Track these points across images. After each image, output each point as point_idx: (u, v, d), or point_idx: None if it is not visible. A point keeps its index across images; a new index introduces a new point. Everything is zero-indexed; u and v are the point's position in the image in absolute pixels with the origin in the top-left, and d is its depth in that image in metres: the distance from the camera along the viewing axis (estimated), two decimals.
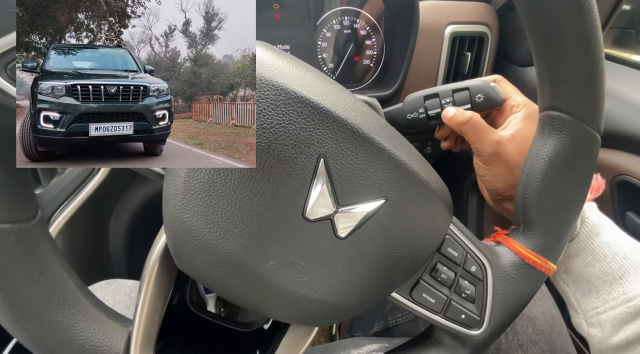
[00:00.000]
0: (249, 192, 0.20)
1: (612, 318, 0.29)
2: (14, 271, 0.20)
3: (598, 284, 0.30)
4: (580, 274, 0.31)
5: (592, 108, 0.24)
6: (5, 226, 0.19)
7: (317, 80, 0.21)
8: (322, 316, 0.24)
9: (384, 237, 0.22)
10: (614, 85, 0.49)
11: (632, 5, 0.56)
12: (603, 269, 0.30)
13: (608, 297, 0.29)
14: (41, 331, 0.21)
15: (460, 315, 0.27)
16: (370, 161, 0.21)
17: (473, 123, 0.33)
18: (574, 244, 0.31)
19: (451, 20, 0.57)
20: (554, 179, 0.26)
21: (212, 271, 0.22)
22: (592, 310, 0.30)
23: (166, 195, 0.21)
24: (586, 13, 0.22)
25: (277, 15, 0.54)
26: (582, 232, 0.31)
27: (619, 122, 0.45)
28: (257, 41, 0.22)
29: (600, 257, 0.30)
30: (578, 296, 0.31)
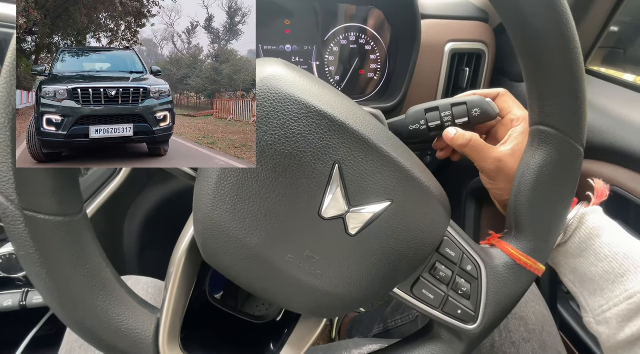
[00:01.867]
0: (273, 193, 0.22)
1: (616, 315, 0.30)
2: (64, 259, 0.22)
3: (602, 283, 0.31)
4: (585, 275, 0.32)
5: (575, 124, 0.27)
6: (59, 219, 0.22)
7: (333, 96, 0.24)
8: (331, 307, 0.26)
9: (389, 235, 0.24)
10: (603, 101, 0.52)
11: (620, 27, 0.60)
12: (605, 269, 0.31)
13: (611, 295, 0.30)
14: (83, 314, 0.23)
15: (456, 310, 0.29)
16: (378, 168, 0.23)
17: (473, 145, 0.35)
18: (577, 246, 0.33)
19: (451, 38, 0.61)
20: (542, 187, 0.29)
21: (236, 263, 0.24)
22: (599, 309, 0.31)
23: (198, 194, 0.23)
24: (569, 42, 0.24)
25: (288, 30, 0.57)
26: (581, 234, 0.32)
27: (605, 136, 0.48)
28: (277, 59, 0.25)
29: (602, 257, 0.31)
30: (585, 295, 0.32)
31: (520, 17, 0.24)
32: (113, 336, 0.24)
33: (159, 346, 0.25)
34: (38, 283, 0.22)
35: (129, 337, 0.24)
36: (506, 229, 0.32)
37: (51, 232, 0.22)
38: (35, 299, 0.48)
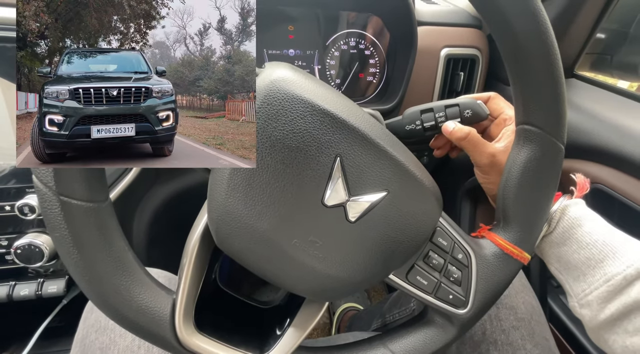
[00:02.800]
0: (281, 183, 0.24)
1: (596, 297, 0.31)
2: (92, 241, 0.24)
3: (584, 269, 0.33)
4: (569, 262, 0.34)
5: (556, 123, 0.29)
6: (89, 205, 0.24)
7: (335, 96, 0.26)
8: (333, 290, 0.28)
9: (385, 223, 0.26)
10: (589, 104, 0.55)
11: (606, 34, 0.62)
12: (586, 255, 0.33)
13: (592, 279, 0.32)
14: (107, 291, 0.25)
15: (448, 296, 0.31)
16: (375, 161, 0.25)
17: (470, 139, 0.37)
18: (560, 235, 0.35)
19: (446, 44, 0.63)
20: (527, 182, 0.31)
21: (246, 247, 0.26)
22: (581, 293, 0.33)
23: (213, 184, 0.25)
24: (549, 49, 0.27)
25: (291, 36, 0.60)
26: (564, 224, 0.34)
27: (592, 137, 0.51)
28: (285, 63, 0.27)
29: (583, 244, 0.33)
30: (570, 282, 0.34)
31: (505, 27, 0.26)
32: (134, 313, 0.26)
33: (175, 324, 0.27)
34: (69, 262, 0.24)
35: (149, 314, 0.26)
36: (495, 221, 0.34)
37: (82, 217, 0.24)
38: (50, 289, 0.50)
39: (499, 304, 0.44)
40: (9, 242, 0.47)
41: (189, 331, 0.28)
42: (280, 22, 0.59)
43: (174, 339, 0.27)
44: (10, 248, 0.46)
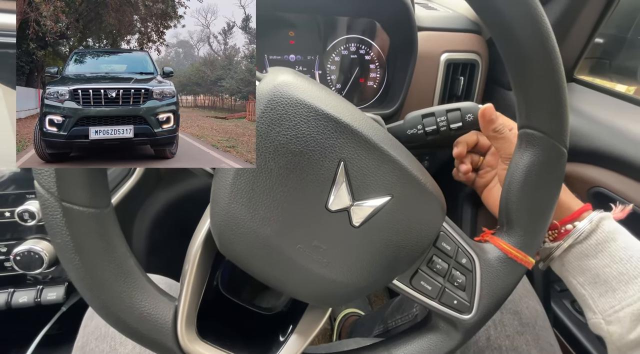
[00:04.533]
0: (284, 188, 0.24)
1: (630, 314, 0.30)
2: (94, 248, 0.24)
3: (615, 284, 0.32)
4: (597, 275, 0.33)
5: (559, 127, 0.29)
6: (91, 211, 0.24)
7: (338, 101, 0.26)
8: (336, 295, 0.28)
9: (389, 228, 0.26)
10: (589, 108, 0.56)
11: (605, 39, 0.63)
12: (620, 270, 0.31)
13: (624, 295, 0.31)
14: (109, 298, 0.25)
15: (452, 301, 0.30)
16: (379, 165, 0.25)
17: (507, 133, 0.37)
18: (593, 247, 0.33)
19: (446, 49, 0.64)
20: (530, 186, 0.31)
21: (250, 252, 0.25)
22: (610, 309, 0.32)
23: (216, 189, 0.25)
24: (550, 53, 0.27)
25: (292, 41, 0.60)
26: (597, 236, 0.33)
27: (591, 141, 0.51)
28: (288, 69, 0.27)
29: (617, 259, 0.32)
30: (595, 297, 0.33)
31: (507, 33, 0.26)
32: (136, 320, 0.26)
33: (177, 331, 0.26)
34: (70, 268, 0.24)
35: (151, 321, 0.26)
36: (498, 226, 0.34)
37: (84, 223, 0.24)
38: (50, 296, 0.50)
39: (503, 310, 0.44)
40: (8, 249, 0.47)
41: (191, 339, 0.27)
42: (280, 27, 0.59)
43: (176, 346, 0.27)
44: (9, 255, 0.46)
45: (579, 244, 0.35)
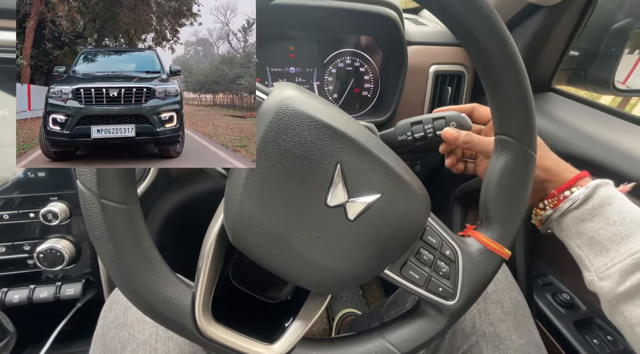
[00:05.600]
0: (290, 186, 0.27)
1: (619, 270, 0.32)
2: (126, 239, 0.27)
3: (608, 244, 0.33)
4: (592, 238, 0.35)
5: (528, 134, 0.33)
6: (123, 206, 0.27)
7: (336, 112, 0.29)
8: (335, 282, 0.31)
9: (380, 221, 0.29)
10: (565, 116, 0.60)
11: (580, 52, 0.68)
12: (613, 232, 0.33)
13: (616, 253, 0.33)
14: (138, 283, 0.28)
15: (438, 288, 0.33)
16: (371, 167, 0.28)
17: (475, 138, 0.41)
18: (589, 212, 0.35)
19: (434, 61, 0.68)
20: (505, 185, 0.34)
21: (259, 244, 0.28)
22: (603, 266, 0.33)
23: (230, 188, 0.28)
24: (517, 70, 0.31)
25: (292, 55, 0.64)
26: (594, 201, 0.35)
27: (567, 146, 0.55)
28: (291, 84, 0.31)
29: (611, 221, 0.34)
30: (590, 257, 0.35)
31: (480, 53, 0.30)
32: (160, 303, 0.29)
33: (195, 314, 0.29)
34: (106, 257, 0.27)
35: (172, 305, 0.29)
36: (478, 221, 0.38)
37: (118, 217, 0.27)
38: (68, 291, 0.53)
39: (487, 299, 0.48)
40: (31, 248, 0.50)
41: (207, 321, 0.30)
42: (281, 42, 0.63)
43: (194, 328, 0.30)
44: (32, 253, 0.49)
45: (576, 210, 0.37)
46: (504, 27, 0.30)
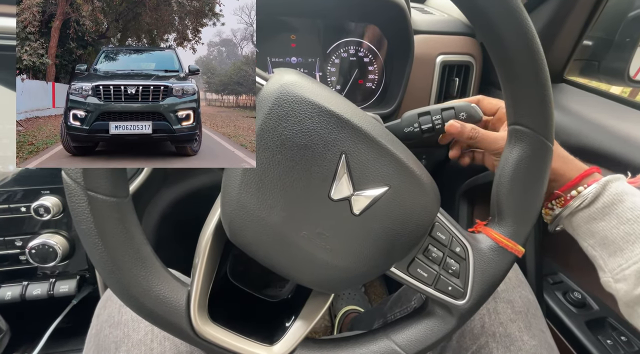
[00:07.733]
0: (290, 178, 0.26)
1: (635, 271, 0.31)
2: (115, 235, 0.26)
3: (622, 244, 0.32)
4: (605, 237, 0.34)
5: (544, 123, 0.31)
6: (113, 200, 0.26)
7: (339, 99, 0.28)
8: (339, 280, 0.29)
9: (387, 216, 0.28)
10: (578, 107, 0.58)
11: (593, 41, 0.66)
12: (626, 231, 0.32)
13: (631, 254, 0.31)
14: (128, 281, 0.27)
15: (447, 287, 0.32)
16: (377, 158, 0.27)
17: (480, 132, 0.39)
18: (600, 210, 0.34)
19: (441, 51, 0.66)
20: (519, 179, 0.33)
21: (257, 240, 0.27)
22: (618, 268, 0.32)
23: (227, 181, 0.27)
24: (535, 55, 0.29)
25: (293, 44, 0.62)
26: (604, 199, 0.34)
27: (579, 138, 0.53)
28: (292, 70, 0.29)
29: (624, 220, 0.32)
30: (605, 257, 0.34)
31: (494, 36, 0.28)
32: (152, 302, 0.27)
33: (190, 314, 0.28)
34: (94, 253, 0.26)
35: (166, 304, 0.28)
36: (490, 217, 0.36)
37: (107, 211, 0.25)
38: (62, 288, 0.51)
39: (497, 299, 0.46)
40: (23, 243, 0.49)
41: (203, 321, 0.29)
42: (282, 31, 0.62)
43: (189, 328, 0.28)
44: (24, 248, 0.48)
45: (586, 208, 0.36)
46: (521, 6, 0.27)
